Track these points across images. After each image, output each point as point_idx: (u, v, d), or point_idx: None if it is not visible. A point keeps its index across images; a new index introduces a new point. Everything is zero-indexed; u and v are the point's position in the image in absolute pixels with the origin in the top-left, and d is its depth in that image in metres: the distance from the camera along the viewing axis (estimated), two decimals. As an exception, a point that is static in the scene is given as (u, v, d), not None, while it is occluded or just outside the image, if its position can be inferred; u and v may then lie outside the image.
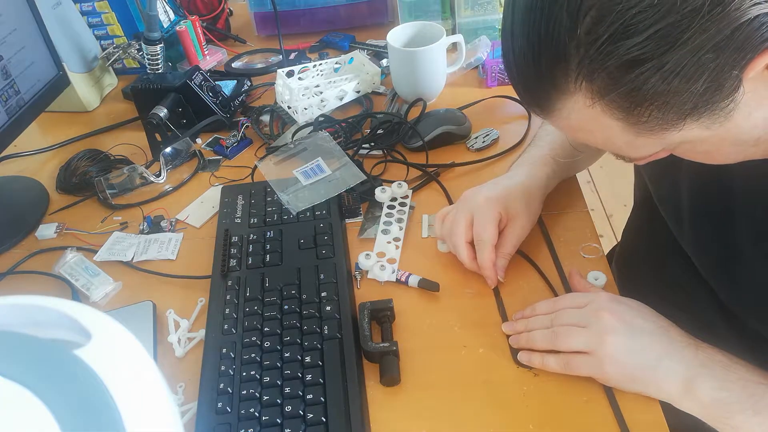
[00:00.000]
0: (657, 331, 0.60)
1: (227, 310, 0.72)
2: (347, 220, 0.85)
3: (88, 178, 0.95)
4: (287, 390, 0.63)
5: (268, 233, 0.81)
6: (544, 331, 0.63)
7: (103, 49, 1.19)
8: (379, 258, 0.77)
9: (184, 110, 1.02)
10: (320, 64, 1.12)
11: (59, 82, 1.06)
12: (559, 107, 0.47)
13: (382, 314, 0.69)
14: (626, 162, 0.53)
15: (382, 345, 0.65)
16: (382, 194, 0.85)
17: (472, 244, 0.73)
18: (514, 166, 0.81)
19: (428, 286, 0.73)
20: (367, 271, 0.76)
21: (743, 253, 0.62)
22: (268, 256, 0.78)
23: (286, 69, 1.08)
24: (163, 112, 0.99)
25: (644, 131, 0.45)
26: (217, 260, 0.79)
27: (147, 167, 0.97)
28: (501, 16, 0.55)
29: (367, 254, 0.76)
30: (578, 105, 0.46)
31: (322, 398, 0.62)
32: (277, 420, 0.60)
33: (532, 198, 0.75)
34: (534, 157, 0.80)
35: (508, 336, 0.67)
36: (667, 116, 0.43)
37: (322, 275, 0.74)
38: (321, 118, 1.00)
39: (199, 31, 1.22)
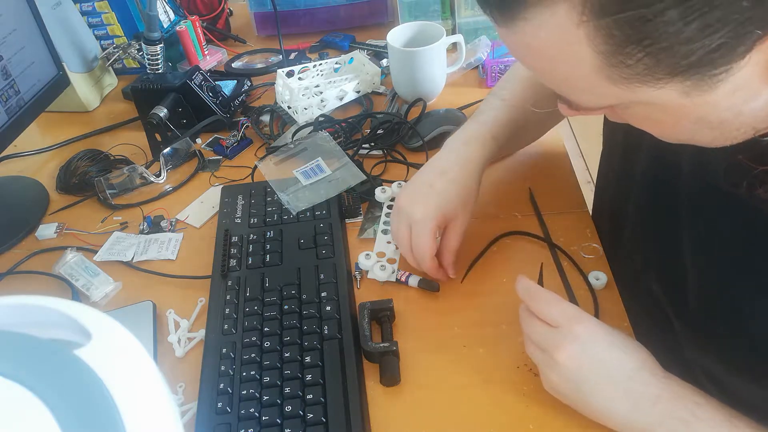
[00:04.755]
0: (619, 377, 0.54)
1: (227, 310, 0.72)
2: (347, 220, 0.85)
3: (88, 178, 0.95)
4: (287, 390, 0.63)
5: (268, 233, 0.81)
6: (522, 314, 0.61)
7: (103, 49, 1.19)
8: (379, 258, 0.77)
9: (184, 110, 1.02)
10: (320, 64, 1.12)
11: (59, 82, 1.05)
12: (530, 17, 0.37)
13: (382, 314, 0.69)
14: (566, 110, 0.46)
15: (382, 345, 0.65)
16: (382, 194, 0.85)
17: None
18: (449, 141, 0.77)
19: (428, 286, 0.73)
20: (367, 271, 0.76)
21: (688, 271, 0.61)
22: (268, 256, 0.78)
23: (286, 69, 1.08)
24: (163, 112, 0.99)
25: (618, 78, 0.38)
26: (217, 260, 0.79)
27: (147, 167, 0.97)
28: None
29: (367, 254, 0.76)
30: (559, 20, 0.36)
31: (322, 398, 0.62)
32: (277, 420, 0.60)
33: (468, 195, 0.72)
34: (471, 137, 0.75)
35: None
36: (657, 68, 0.36)
37: (322, 275, 0.74)
38: (321, 118, 1.00)
39: (199, 31, 1.22)
